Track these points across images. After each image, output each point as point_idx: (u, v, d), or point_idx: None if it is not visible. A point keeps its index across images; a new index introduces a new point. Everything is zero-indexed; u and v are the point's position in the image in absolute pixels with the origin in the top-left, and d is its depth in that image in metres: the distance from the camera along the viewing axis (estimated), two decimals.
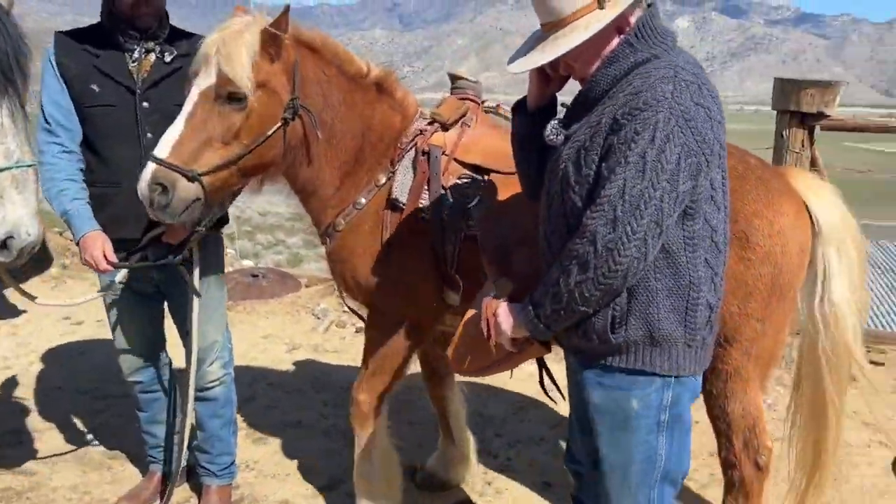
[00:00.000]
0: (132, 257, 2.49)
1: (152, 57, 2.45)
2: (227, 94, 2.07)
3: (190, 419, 2.67)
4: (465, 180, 2.36)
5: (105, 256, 2.39)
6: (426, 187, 2.34)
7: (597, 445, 1.75)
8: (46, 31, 2.85)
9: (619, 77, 1.61)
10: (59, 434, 3.47)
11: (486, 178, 2.35)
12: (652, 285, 1.62)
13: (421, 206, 2.33)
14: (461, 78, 2.56)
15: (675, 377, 1.67)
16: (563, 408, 3.58)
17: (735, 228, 2.03)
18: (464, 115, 2.42)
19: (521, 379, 4.03)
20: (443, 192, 2.33)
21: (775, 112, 4.30)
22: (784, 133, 4.26)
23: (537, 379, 2.07)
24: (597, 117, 1.61)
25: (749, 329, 2.16)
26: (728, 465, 2.27)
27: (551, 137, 1.72)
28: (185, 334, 2.73)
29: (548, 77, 1.82)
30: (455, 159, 2.37)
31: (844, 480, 3.07)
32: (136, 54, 2.44)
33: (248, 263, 6.27)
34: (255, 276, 5.63)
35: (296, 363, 4.37)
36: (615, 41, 1.63)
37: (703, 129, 1.54)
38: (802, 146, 4.23)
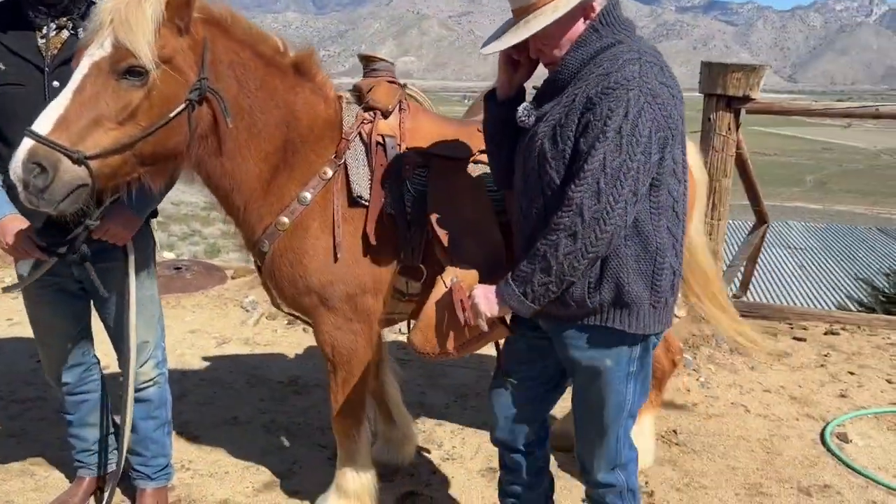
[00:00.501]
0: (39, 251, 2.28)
1: (65, 34, 2.28)
2: (125, 69, 1.86)
3: (129, 419, 2.55)
4: (418, 170, 2.34)
5: (31, 240, 2.23)
6: (386, 180, 2.30)
7: (577, 393, 2.00)
8: None
9: (587, 60, 1.76)
10: None
11: (433, 164, 2.34)
12: (622, 252, 1.78)
13: (384, 199, 2.29)
14: (377, 59, 2.47)
15: (642, 336, 1.87)
16: None
17: None
18: (400, 101, 2.38)
19: (460, 366, 4.11)
20: (402, 183, 2.30)
21: (702, 96, 4.41)
22: (711, 117, 4.43)
23: (474, 368, 2.13)
24: (569, 97, 1.75)
25: None
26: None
27: (523, 118, 1.86)
28: (112, 333, 2.62)
29: (516, 64, 1.94)
30: (407, 148, 2.34)
31: (777, 453, 3.25)
32: (45, 31, 2.26)
33: (169, 255, 6.01)
34: (178, 268, 5.42)
35: (227, 358, 4.24)
36: (581, 26, 1.79)
37: (668, 106, 1.71)
38: (729, 129, 4.42)
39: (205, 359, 4.21)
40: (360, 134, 2.33)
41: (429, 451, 3.22)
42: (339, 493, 2.62)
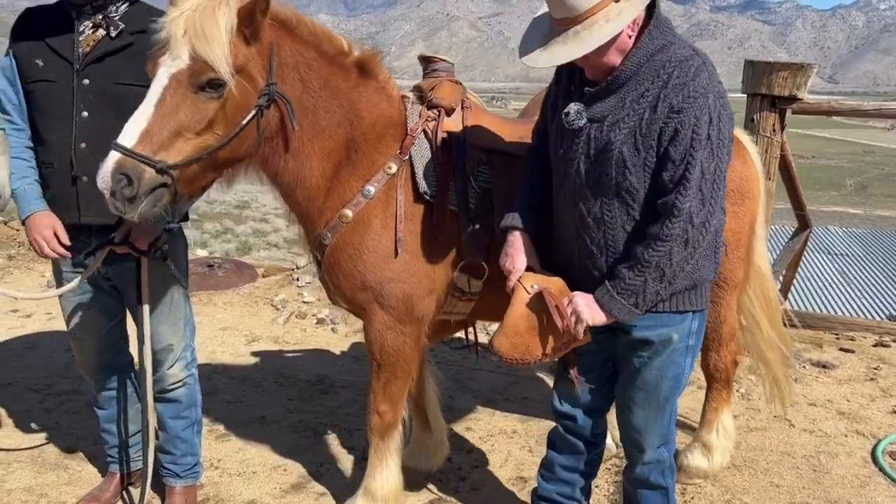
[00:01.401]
0: (83, 251, 2.33)
1: (100, 33, 2.28)
2: (204, 82, 1.89)
3: (152, 421, 2.54)
4: (482, 166, 2.34)
5: (57, 239, 2.26)
6: (452, 176, 2.29)
7: (637, 370, 2.07)
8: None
9: (643, 62, 1.82)
10: (12, 433, 3.28)
11: (495, 161, 2.35)
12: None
13: (449, 196, 2.28)
14: (438, 59, 2.47)
15: (701, 310, 2.05)
16: (531, 403, 3.63)
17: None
18: (463, 100, 2.37)
19: (489, 370, 4.04)
20: (467, 179, 2.30)
21: (745, 96, 4.26)
22: (755, 117, 4.26)
23: (504, 372, 2.14)
24: (639, 105, 1.82)
25: (739, 270, 2.67)
26: (715, 367, 2.84)
27: (574, 121, 1.91)
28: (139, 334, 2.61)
29: None
30: (471, 145, 2.34)
31: (825, 471, 3.10)
32: (81, 28, 2.28)
33: (201, 253, 6.05)
34: (210, 265, 5.44)
35: (257, 356, 4.23)
36: (627, 32, 1.81)
37: (727, 101, 1.83)
38: (773, 130, 4.24)
39: (235, 357, 4.21)
40: (424, 131, 2.32)
41: (452, 458, 3.15)
42: (367, 496, 2.57)
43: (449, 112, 2.34)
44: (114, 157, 1.89)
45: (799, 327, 4.61)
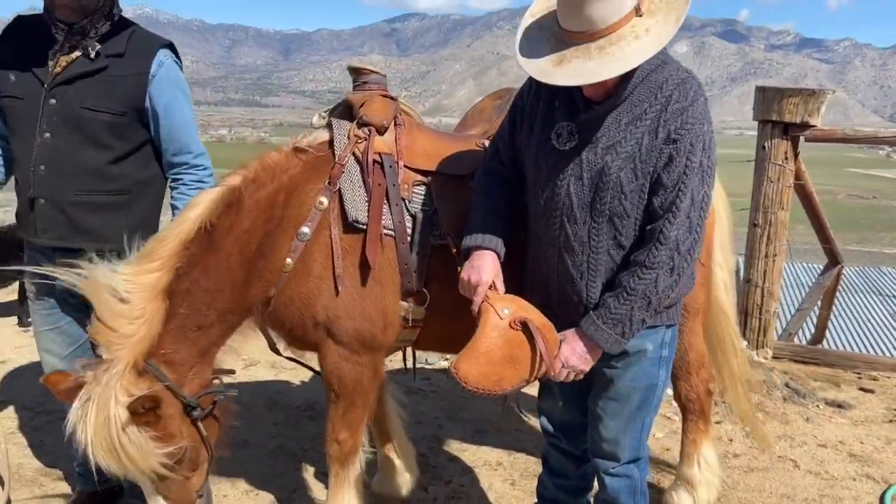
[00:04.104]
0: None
1: (76, 53, 2.27)
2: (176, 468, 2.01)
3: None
4: (419, 187, 2.24)
5: None
6: (385, 200, 2.19)
7: (611, 381, 2.03)
8: None
9: (638, 83, 1.78)
10: None
11: (434, 182, 2.25)
12: None
13: (383, 222, 2.18)
14: (369, 71, 2.34)
15: (673, 324, 2.05)
16: (522, 435, 3.50)
17: None
18: (396, 116, 2.26)
19: (481, 400, 3.92)
20: (401, 203, 2.21)
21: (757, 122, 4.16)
22: (766, 145, 4.12)
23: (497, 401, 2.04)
24: (636, 128, 1.77)
25: (701, 294, 2.57)
26: (688, 398, 2.74)
27: (567, 142, 1.86)
28: None
29: None
30: (405, 166, 2.24)
31: None
32: (57, 47, 2.28)
33: None
34: None
35: (251, 380, 4.22)
36: None
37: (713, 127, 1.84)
38: (786, 158, 4.10)
39: (230, 380, 4.19)
40: (354, 154, 2.21)
41: (429, 489, 3.04)
42: None
43: (381, 130, 2.22)
44: None
45: (816, 365, 4.37)
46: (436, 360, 4.41)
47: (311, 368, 2.53)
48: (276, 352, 2.49)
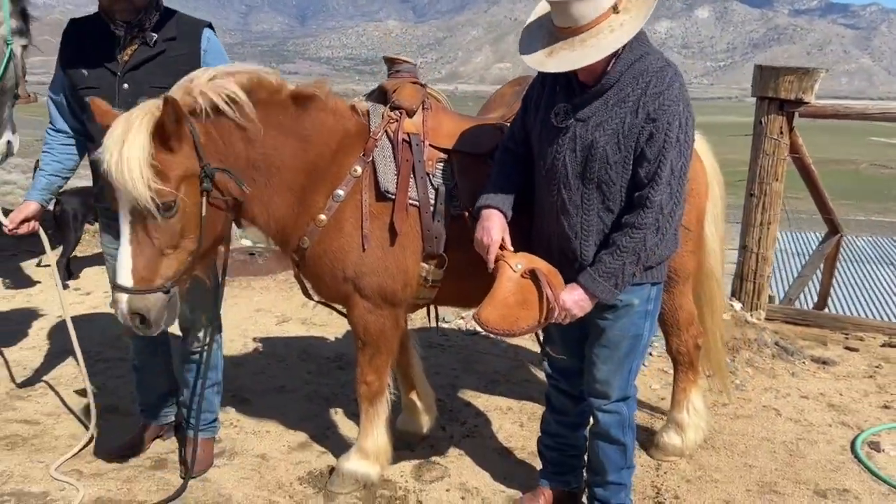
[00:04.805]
0: None
1: (136, 43, 2.65)
2: (156, 210, 2.13)
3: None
4: (441, 164, 2.58)
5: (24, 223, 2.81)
6: (412, 175, 2.54)
7: (603, 330, 2.36)
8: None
9: (624, 70, 2.11)
10: (63, 391, 3.76)
11: (455, 159, 2.59)
12: None
13: (409, 193, 2.52)
14: (401, 61, 2.70)
15: (658, 282, 2.38)
16: (531, 385, 3.88)
17: None
18: (423, 101, 2.61)
19: (495, 354, 4.30)
20: (426, 177, 2.55)
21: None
22: (762, 120, 4.41)
23: (511, 358, 2.35)
24: (617, 107, 2.11)
25: (691, 261, 2.89)
26: (678, 350, 3.07)
27: (561, 119, 2.21)
28: None
29: None
30: (430, 145, 2.58)
31: (800, 456, 3.23)
32: (121, 41, 2.65)
33: (247, 243, 6.53)
34: (251, 254, 5.89)
35: (284, 335, 4.63)
36: None
37: (692, 107, 2.16)
38: (780, 133, 4.38)
39: (265, 335, 4.61)
40: (386, 132, 2.56)
41: (447, 428, 3.43)
42: (360, 452, 2.89)
43: (410, 113, 2.56)
44: (122, 298, 2.19)
45: (807, 326, 4.68)
46: (452, 319, 4.78)
47: (338, 311, 2.87)
48: (310, 297, 2.83)
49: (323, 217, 2.50)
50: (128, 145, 2.11)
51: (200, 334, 3.00)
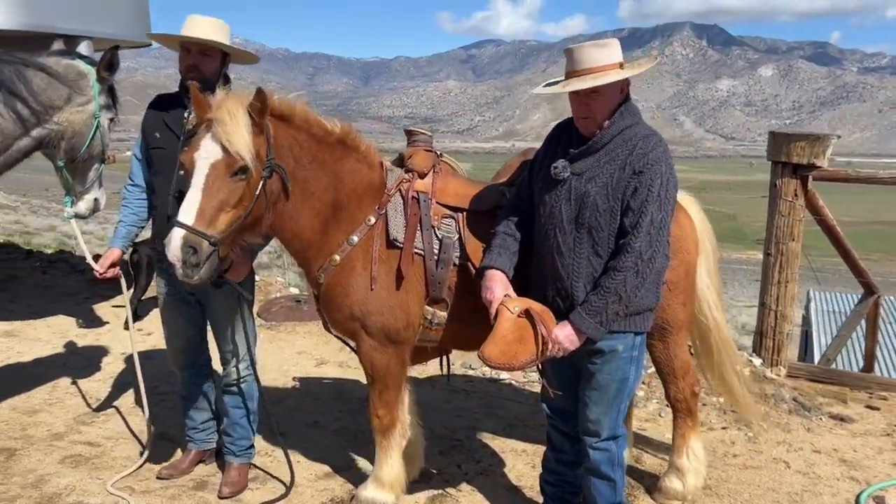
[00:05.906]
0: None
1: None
2: (237, 169, 2.49)
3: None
4: (447, 219, 2.95)
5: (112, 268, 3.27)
6: (419, 227, 2.91)
7: (593, 374, 2.64)
8: (151, 86, 3.67)
9: (616, 135, 2.48)
10: (123, 419, 4.19)
11: (459, 216, 2.95)
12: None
13: (415, 243, 2.88)
14: (418, 132, 3.11)
15: (641, 332, 2.65)
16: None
17: None
18: (434, 165, 3.00)
19: (516, 400, 4.52)
20: (431, 230, 2.91)
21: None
22: (777, 183, 4.62)
23: (532, 403, 2.69)
24: (609, 164, 2.47)
25: (682, 313, 3.12)
26: (675, 398, 3.25)
27: (560, 172, 2.55)
28: (217, 337, 3.38)
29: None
30: (437, 202, 2.96)
31: None
32: (187, 113, 3.11)
33: (294, 291, 6.99)
34: (297, 301, 6.33)
35: (322, 376, 4.98)
36: (618, 99, 2.50)
37: (674, 170, 2.50)
38: (795, 195, 4.58)
39: (304, 375, 4.97)
40: (399, 190, 2.95)
41: (462, 465, 3.66)
42: (376, 482, 3.17)
43: (421, 175, 2.96)
44: (179, 232, 2.46)
45: (830, 384, 4.72)
46: (478, 367, 5.04)
47: (351, 347, 3.16)
48: (329, 330, 3.16)
49: (337, 257, 2.88)
50: (239, 110, 2.51)
51: (237, 368, 3.37)
